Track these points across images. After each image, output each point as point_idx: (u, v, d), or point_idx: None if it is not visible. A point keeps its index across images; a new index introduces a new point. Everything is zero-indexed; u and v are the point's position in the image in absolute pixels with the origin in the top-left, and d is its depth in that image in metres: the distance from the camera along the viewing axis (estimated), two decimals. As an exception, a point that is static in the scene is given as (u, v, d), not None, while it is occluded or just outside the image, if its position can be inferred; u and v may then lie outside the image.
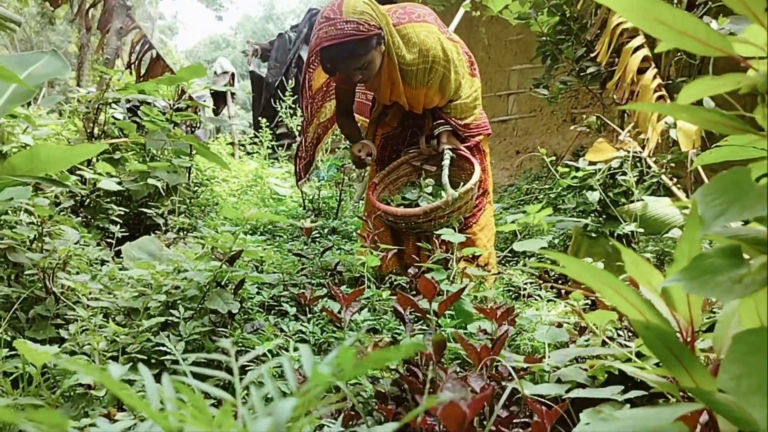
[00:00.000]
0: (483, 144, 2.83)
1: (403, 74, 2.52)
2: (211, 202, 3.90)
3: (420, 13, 2.60)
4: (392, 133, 2.91)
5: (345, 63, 2.39)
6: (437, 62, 2.50)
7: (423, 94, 2.62)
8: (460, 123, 2.65)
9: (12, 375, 1.34)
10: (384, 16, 2.44)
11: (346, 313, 1.42)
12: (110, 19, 4.07)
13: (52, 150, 1.92)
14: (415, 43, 2.47)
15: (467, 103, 2.64)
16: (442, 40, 2.52)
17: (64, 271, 1.70)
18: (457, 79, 2.58)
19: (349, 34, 2.27)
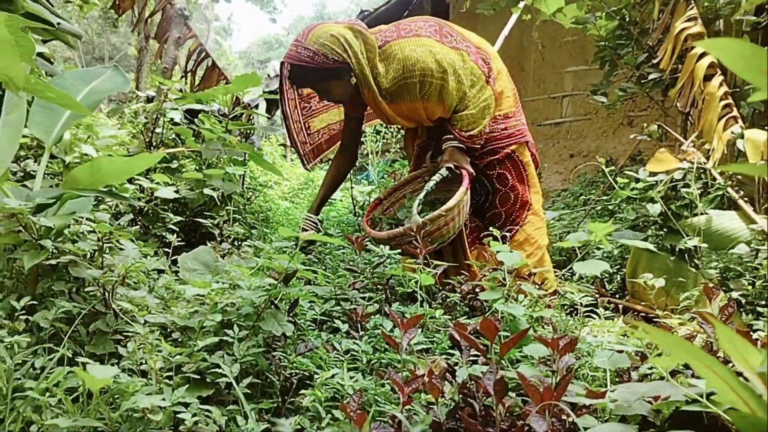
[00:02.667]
0: (519, 153, 2.74)
1: (389, 95, 2.55)
2: (264, 208, 3.94)
3: (414, 27, 2.59)
4: (424, 143, 2.89)
5: (300, 82, 2.64)
6: (428, 74, 2.47)
7: (421, 108, 2.60)
8: (464, 135, 2.56)
9: (73, 393, 1.36)
10: (356, 51, 2.46)
11: (404, 338, 1.39)
12: (168, 29, 4.16)
13: (112, 162, 1.97)
14: (399, 59, 2.49)
15: (474, 113, 2.55)
16: (436, 52, 2.49)
17: (123, 285, 1.72)
18: (459, 89, 2.52)
19: (303, 60, 2.44)
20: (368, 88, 2.51)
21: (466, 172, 2.53)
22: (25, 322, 1.64)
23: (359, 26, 2.53)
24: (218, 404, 1.42)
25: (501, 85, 2.68)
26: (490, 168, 2.71)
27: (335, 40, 2.43)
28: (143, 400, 1.23)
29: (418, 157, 2.89)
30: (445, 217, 2.40)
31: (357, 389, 1.41)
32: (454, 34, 2.59)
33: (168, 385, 1.41)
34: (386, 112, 2.62)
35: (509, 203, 2.74)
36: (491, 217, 2.76)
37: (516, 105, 2.76)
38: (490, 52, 2.70)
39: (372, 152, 6.96)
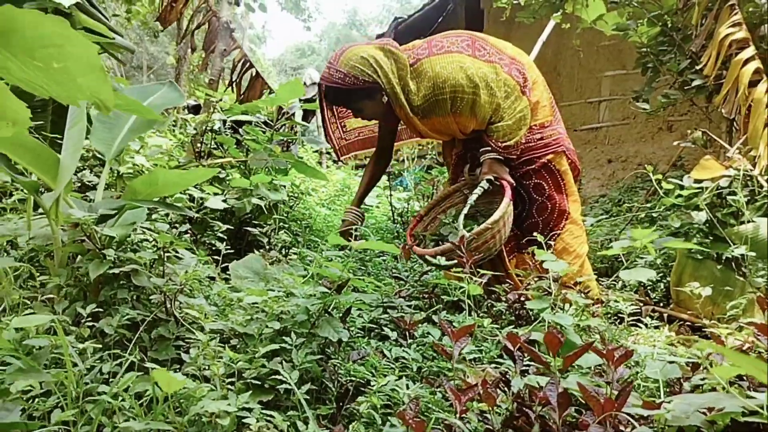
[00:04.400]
0: (556, 162, 2.74)
1: (421, 112, 2.61)
2: (305, 215, 4.00)
3: (445, 43, 2.63)
4: (461, 153, 2.92)
5: (334, 102, 2.76)
6: (459, 90, 2.51)
7: (453, 122, 2.64)
8: (501, 145, 2.58)
9: (141, 397, 1.43)
10: (386, 71, 2.53)
11: (455, 348, 1.42)
12: (214, 41, 4.28)
13: (168, 175, 2.04)
14: (430, 77, 2.55)
15: (509, 125, 2.57)
16: (467, 67, 2.52)
17: (182, 293, 1.79)
18: (493, 101, 2.54)
19: (335, 82, 2.54)
20: (400, 105, 2.57)
21: (507, 183, 2.55)
22: (90, 329, 1.72)
23: (391, 46, 2.58)
24: (278, 409, 1.46)
25: (537, 95, 2.69)
26: (526, 178, 2.72)
27: (365, 61, 2.50)
28: (210, 405, 1.29)
29: (456, 166, 2.92)
30: (491, 230, 2.42)
31: (412, 397, 1.44)
32: (487, 47, 2.61)
33: (230, 390, 1.47)
34: (419, 127, 2.68)
35: (546, 212, 2.74)
36: (529, 226, 2.77)
37: (553, 114, 2.76)
38: (526, 62, 2.70)
39: (408, 158, 7.00)
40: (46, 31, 0.95)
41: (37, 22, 0.94)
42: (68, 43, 0.96)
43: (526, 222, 2.76)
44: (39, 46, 0.96)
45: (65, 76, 0.99)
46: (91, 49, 0.99)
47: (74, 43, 0.97)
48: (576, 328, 2.05)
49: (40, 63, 0.97)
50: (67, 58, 0.97)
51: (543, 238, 2.44)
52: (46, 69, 0.98)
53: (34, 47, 0.96)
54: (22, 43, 0.95)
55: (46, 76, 0.99)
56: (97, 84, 1.01)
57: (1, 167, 1.85)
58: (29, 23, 0.94)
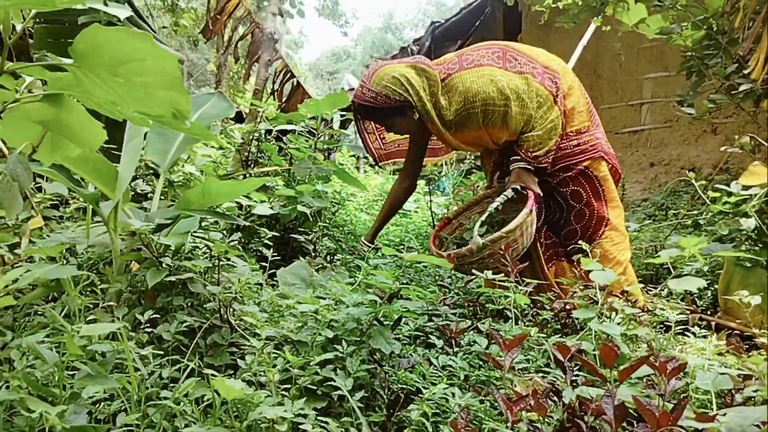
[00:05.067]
0: (593, 168, 2.72)
1: (453, 126, 2.65)
2: (346, 221, 4.06)
3: (476, 57, 2.65)
4: (498, 160, 2.93)
5: (367, 118, 2.85)
6: (490, 103, 2.54)
7: (485, 134, 2.67)
8: (530, 155, 2.59)
9: (200, 402, 1.48)
10: (417, 89, 2.58)
11: (506, 358, 1.44)
12: (257, 51, 4.37)
13: (220, 185, 2.11)
14: (461, 91, 2.59)
15: (540, 135, 2.57)
16: (498, 80, 2.54)
17: (235, 301, 1.85)
18: (524, 112, 2.55)
19: (367, 101, 2.62)
20: (431, 121, 2.62)
21: (532, 193, 2.56)
22: (148, 335, 1.79)
23: (422, 64, 2.63)
24: (331, 416, 1.50)
25: (572, 101, 2.68)
26: (563, 185, 2.71)
27: (397, 81, 2.56)
28: (268, 411, 1.33)
29: (494, 174, 2.93)
30: (506, 239, 2.43)
31: (462, 406, 1.47)
32: (518, 57, 2.62)
33: (284, 396, 1.52)
34: (451, 142, 2.73)
35: (585, 219, 2.73)
36: (567, 233, 2.76)
37: (590, 119, 2.74)
38: (560, 68, 2.70)
39: (446, 162, 7.00)
40: (128, 47, 1.00)
41: (121, 39, 0.99)
42: (149, 56, 1.01)
43: (564, 229, 2.76)
44: (122, 62, 1.01)
45: (146, 90, 1.05)
46: (171, 63, 1.03)
47: (155, 56, 1.02)
48: (623, 338, 2.04)
49: (122, 78, 1.02)
50: (148, 72, 1.02)
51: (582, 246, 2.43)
52: (127, 84, 1.02)
53: (117, 63, 1.00)
54: (106, 61, 1.00)
55: (126, 91, 1.04)
56: (176, 95, 1.07)
57: (64, 179, 1.94)
58: (114, 41, 0.99)
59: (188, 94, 1.10)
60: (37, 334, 1.58)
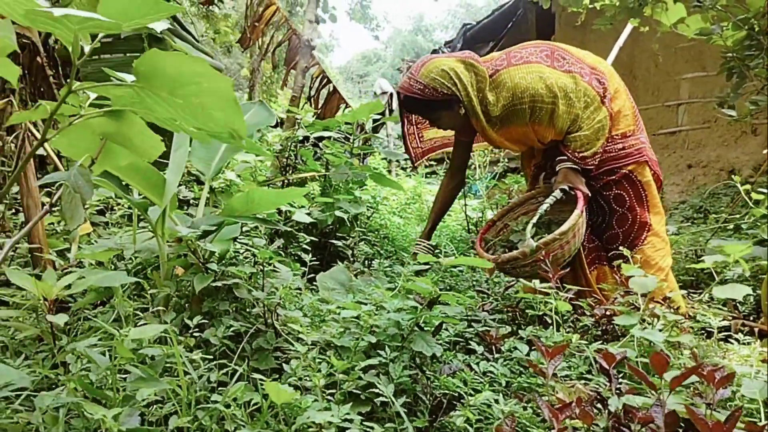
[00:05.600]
0: (638, 173, 2.68)
1: (499, 122, 2.63)
2: (381, 225, 4.08)
3: (524, 54, 2.64)
4: (540, 164, 2.91)
5: (412, 111, 2.81)
6: (538, 100, 2.52)
7: (531, 132, 2.64)
8: (578, 156, 2.56)
9: (248, 407, 1.52)
10: (465, 83, 2.56)
11: (549, 366, 1.45)
12: (294, 58, 4.43)
13: (264, 193, 2.16)
14: (509, 87, 2.57)
15: (588, 135, 2.54)
16: (547, 77, 2.53)
17: (280, 306, 1.89)
18: (571, 111, 2.52)
19: (414, 93, 2.59)
20: (476, 117, 2.61)
21: (581, 193, 2.54)
22: (195, 339, 1.84)
23: (471, 59, 2.62)
24: (374, 421, 1.53)
25: (618, 104, 2.66)
26: (607, 188, 2.69)
27: (445, 74, 2.55)
28: (316, 415, 1.36)
29: (535, 178, 2.91)
30: (559, 241, 2.41)
31: (506, 412, 1.48)
32: (566, 57, 2.61)
33: (329, 401, 1.54)
34: (495, 139, 2.70)
35: (627, 224, 2.70)
36: (609, 237, 2.73)
37: (635, 123, 2.71)
38: (606, 71, 2.68)
39: (479, 166, 6.97)
40: (186, 70, 1.06)
41: (178, 62, 1.05)
42: (205, 80, 1.07)
43: (606, 233, 2.73)
44: (180, 84, 1.07)
45: (203, 111, 1.10)
46: (226, 85, 1.09)
47: (211, 79, 1.07)
48: (666, 344, 2.02)
49: (181, 99, 1.08)
50: (205, 94, 1.08)
51: (623, 251, 2.41)
52: (186, 105, 1.08)
53: (176, 86, 1.07)
54: (165, 83, 1.07)
55: (185, 111, 1.10)
56: (232, 116, 1.12)
57: (114, 188, 2.00)
58: (171, 64, 1.05)
59: (243, 115, 1.15)
60: (90, 339, 1.64)
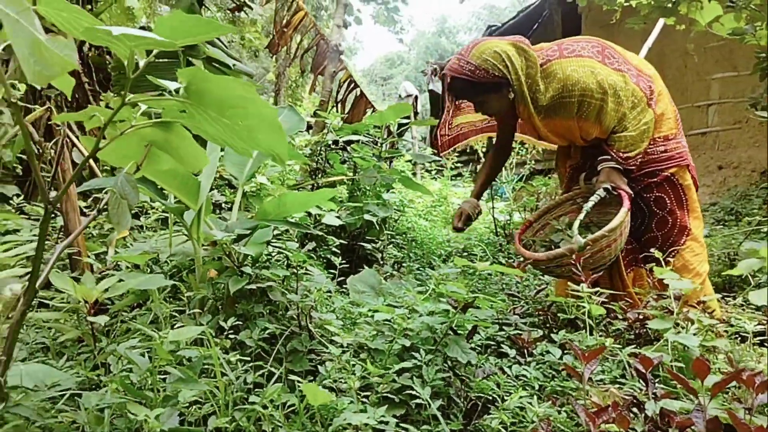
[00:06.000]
0: (679, 177, 2.66)
1: (544, 112, 2.60)
2: (409, 228, 4.09)
3: (576, 48, 2.61)
4: (577, 164, 2.88)
5: (459, 94, 2.74)
6: (588, 94, 2.49)
7: (576, 126, 2.61)
8: (622, 156, 2.54)
9: (284, 408, 1.54)
10: (517, 67, 2.53)
11: (585, 369, 1.45)
12: (322, 63, 4.47)
13: (295, 197, 2.18)
14: (560, 78, 2.53)
15: (633, 135, 2.52)
16: (598, 73, 2.50)
17: (313, 309, 1.91)
18: (619, 110, 2.50)
19: (464, 74, 2.55)
20: (524, 103, 2.58)
21: (625, 193, 2.52)
22: (230, 340, 1.87)
23: (523, 43, 2.60)
24: (409, 423, 1.54)
25: (662, 107, 2.64)
26: (647, 191, 2.66)
27: (497, 55, 2.53)
28: (352, 417, 1.37)
29: (571, 179, 2.89)
30: (607, 238, 2.39)
31: (541, 416, 1.48)
32: (616, 56, 2.59)
33: (364, 403, 1.56)
34: (539, 128, 2.67)
35: (667, 227, 2.67)
36: (647, 240, 2.71)
37: (677, 127, 2.69)
38: (652, 73, 2.66)
39: (505, 167, 6.94)
40: (233, 93, 1.11)
41: (226, 85, 1.10)
42: (252, 105, 1.11)
43: (644, 236, 2.71)
44: (228, 106, 1.11)
45: (248, 133, 1.14)
46: (271, 111, 1.13)
47: (257, 105, 1.11)
48: (701, 349, 2.00)
49: (228, 120, 1.12)
50: (250, 118, 1.12)
51: (662, 254, 2.38)
52: (232, 126, 1.12)
53: (224, 107, 1.11)
54: (215, 102, 1.12)
55: (231, 131, 1.14)
56: (275, 140, 1.16)
57: (151, 193, 2.04)
58: (220, 86, 1.10)
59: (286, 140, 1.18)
60: (130, 341, 1.67)
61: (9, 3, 1.09)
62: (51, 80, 1.17)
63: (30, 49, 1.11)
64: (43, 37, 1.12)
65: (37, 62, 1.12)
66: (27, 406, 1.26)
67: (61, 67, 1.14)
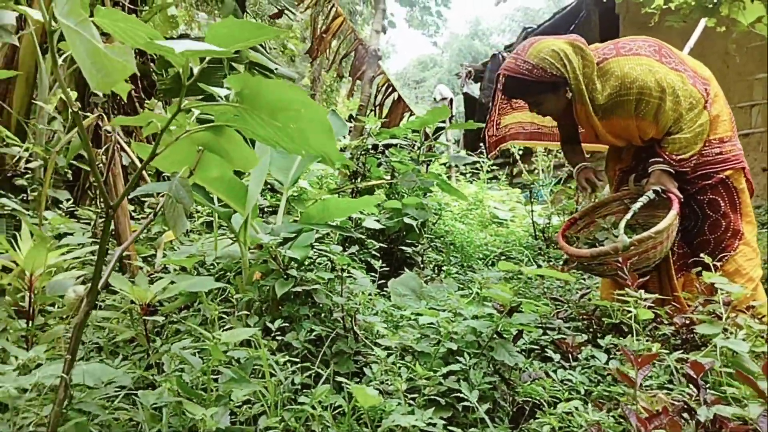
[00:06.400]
0: (733, 180, 2.60)
1: (602, 111, 2.57)
2: (445, 231, 4.10)
3: (633, 46, 2.58)
4: (628, 167, 2.85)
5: (514, 94, 2.74)
6: (646, 93, 2.46)
7: (634, 126, 2.57)
8: (675, 158, 2.49)
9: (331, 409, 1.56)
10: (574, 66, 2.51)
11: (638, 375, 1.44)
12: (360, 68, 4.52)
13: (338, 202, 2.22)
14: (618, 76, 2.51)
15: (688, 137, 2.48)
16: (656, 71, 2.47)
17: (359, 312, 1.93)
18: (676, 110, 2.46)
19: (521, 73, 2.54)
20: (582, 103, 2.56)
21: (674, 196, 2.49)
22: (277, 342, 1.90)
23: (579, 42, 2.59)
24: (456, 426, 1.55)
25: (717, 109, 2.60)
26: (701, 193, 2.62)
27: (555, 54, 2.52)
28: (401, 419, 1.39)
29: (621, 182, 2.86)
30: (653, 240, 2.36)
31: (591, 421, 1.47)
32: (672, 56, 2.57)
33: (410, 405, 1.57)
34: (597, 128, 2.64)
35: (720, 231, 2.63)
36: (699, 244, 2.66)
37: (732, 129, 2.65)
38: (707, 75, 2.63)
39: (543, 170, 6.88)
40: (285, 97, 1.14)
41: (279, 90, 1.14)
42: (303, 107, 1.14)
43: (696, 239, 2.66)
44: (280, 109, 1.15)
45: (300, 135, 1.18)
46: (323, 114, 1.16)
47: (309, 108, 1.15)
48: (750, 355, 1.96)
49: (280, 123, 1.15)
50: (302, 120, 1.16)
51: (714, 258, 2.34)
52: (285, 128, 1.16)
53: (277, 110, 1.15)
54: (267, 106, 1.16)
55: (284, 134, 1.18)
56: (326, 142, 1.19)
57: (198, 196, 2.10)
58: (272, 90, 1.14)
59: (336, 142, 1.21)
60: (183, 341, 1.72)
61: (69, 15, 1.14)
62: (113, 86, 1.22)
63: (91, 58, 1.16)
64: (101, 46, 1.17)
65: (99, 70, 1.17)
66: (90, 402, 1.31)
67: (121, 74, 1.19)
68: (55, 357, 1.75)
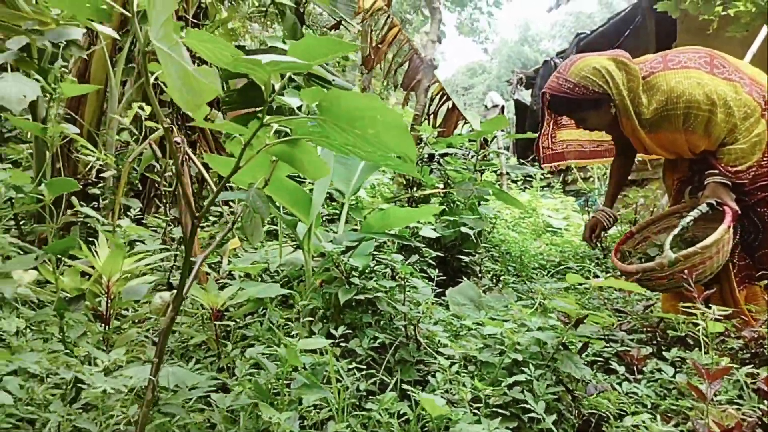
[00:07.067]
0: None
1: (648, 125, 2.55)
2: (500, 240, 4.09)
3: (682, 59, 2.54)
4: (685, 177, 2.80)
5: (559, 111, 2.79)
6: (694, 107, 2.42)
7: (683, 139, 2.53)
8: (731, 170, 2.44)
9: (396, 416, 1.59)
10: (617, 82, 2.51)
11: (709, 389, 1.42)
12: (415, 77, 4.57)
13: (397, 212, 2.25)
14: (664, 90, 2.49)
15: (744, 148, 2.42)
16: (705, 84, 2.43)
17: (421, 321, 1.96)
18: (729, 121, 2.41)
19: (563, 92, 2.58)
20: (627, 117, 2.55)
21: (729, 209, 2.43)
22: (341, 349, 1.94)
23: (623, 57, 2.58)
24: (522, 437, 1.56)
25: None
26: (761, 205, 2.55)
27: (597, 72, 2.52)
28: (468, 428, 1.41)
29: (678, 192, 2.81)
30: (701, 255, 2.32)
31: (659, 435, 1.46)
32: (726, 65, 2.52)
33: (475, 414, 1.59)
34: (644, 141, 2.62)
35: None
36: (761, 257, 2.59)
37: None
38: (766, 83, 2.56)
39: (599, 178, 6.77)
40: (360, 105, 1.21)
41: (355, 99, 1.20)
42: (379, 113, 1.20)
43: (758, 252, 2.59)
44: (357, 117, 1.22)
45: (377, 139, 1.24)
46: (397, 116, 1.22)
47: (383, 113, 1.20)
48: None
49: (358, 130, 1.22)
50: (378, 125, 1.21)
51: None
52: (363, 134, 1.22)
53: (353, 118, 1.22)
54: (344, 115, 1.23)
55: (362, 140, 1.24)
56: (403, 142, 1.25)
57: (269, 207, 2.16)
58: (348, 100, 1.20)
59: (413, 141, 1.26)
60: (257, 347, 1.78)
61: (162, 39, 1.22)
62: (200, 107, 1.28)
63: (182, 80, 1.23)
64: (191, 68, 1.24)
65: (189, 91, 1.24)
66: (175, 404, 1.37)
67: (209, 95, 1.26)
68: (132, 359, 1.84)
